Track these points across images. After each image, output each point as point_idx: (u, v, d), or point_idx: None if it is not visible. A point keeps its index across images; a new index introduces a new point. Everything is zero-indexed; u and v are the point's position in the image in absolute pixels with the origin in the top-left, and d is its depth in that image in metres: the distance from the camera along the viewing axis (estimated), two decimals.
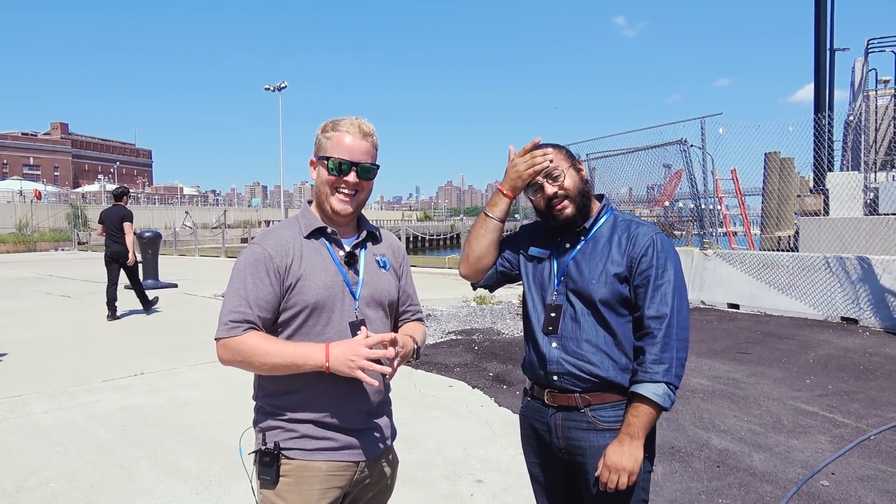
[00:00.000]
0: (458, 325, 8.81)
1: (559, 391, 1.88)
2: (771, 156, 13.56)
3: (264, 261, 1.71)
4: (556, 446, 1.92)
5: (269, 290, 1.71)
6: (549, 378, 1.89)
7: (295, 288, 1.72)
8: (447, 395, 5.49)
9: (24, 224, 44.21)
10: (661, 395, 1.73)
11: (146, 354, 7.07)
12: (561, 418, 1.90)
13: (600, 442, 1.83)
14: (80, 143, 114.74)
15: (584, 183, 1.92)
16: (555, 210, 1.89)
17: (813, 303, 8.98)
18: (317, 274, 1.74)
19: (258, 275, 1.70)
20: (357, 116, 1.84)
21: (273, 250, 1.73)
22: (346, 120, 1.81)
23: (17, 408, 5.13)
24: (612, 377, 1.83)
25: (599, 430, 1.84)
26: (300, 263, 1.74)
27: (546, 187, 1.89)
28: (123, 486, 3.64)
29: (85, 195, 64.67)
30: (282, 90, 44.89)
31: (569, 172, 1.89)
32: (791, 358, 6.64)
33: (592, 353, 1.84)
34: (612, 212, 1.97)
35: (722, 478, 3.70)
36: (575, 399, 1.86)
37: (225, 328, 1.68)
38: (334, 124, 1.80)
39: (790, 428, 4.52)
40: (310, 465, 1.72)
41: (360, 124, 1.80)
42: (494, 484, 3.63)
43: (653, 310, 1.79)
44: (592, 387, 1.84)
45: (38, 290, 14.06)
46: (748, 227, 14.49)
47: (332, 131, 1.79)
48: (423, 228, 48.85)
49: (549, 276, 1.95)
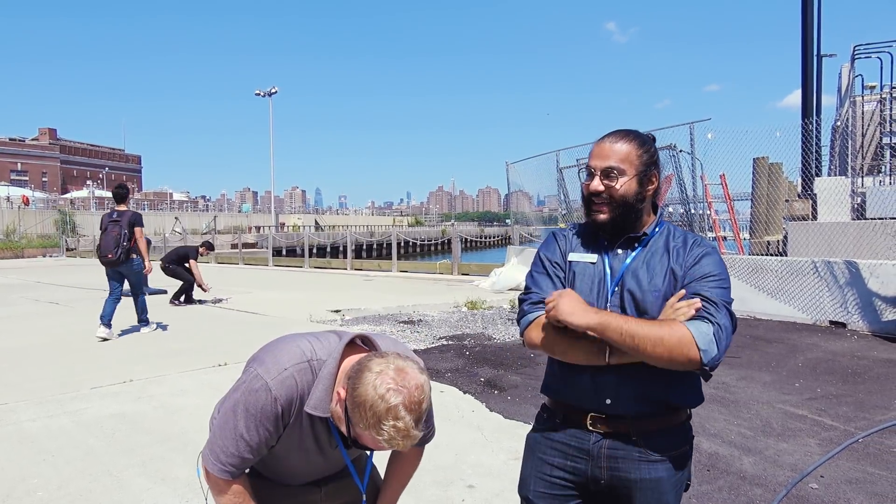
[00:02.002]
0: (449, 330, 8.81)
1: (609, 416, 1.69)
2: (759, 161, 13.66)
3: (275, 419, 1.64)
4: (594, 476, 1.72)
5: (272, 440, 1.68)
6: (600, 403, 1.69)
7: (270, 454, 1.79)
8: (438, 400, 5.48)
9: (11, 230, 43.91)
10: (704, 334, 1.55)
11: (135, 361, 7.01)
12: (608, 446, 1.70)
13: (652, 474, 1.69)
14: (68, 148, 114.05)
15: (638, 199, 1.71)
16: (591, 207, 1.74)
17: (802, 307, 9.05)
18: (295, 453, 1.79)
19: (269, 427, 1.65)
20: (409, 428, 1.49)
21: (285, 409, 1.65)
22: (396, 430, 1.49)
23: (4, 416, 5.08)
24: (670, 399, 1.70)
25: (651, 461, 1.69)
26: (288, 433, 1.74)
27: (595, 180, 1.71)
28: (113, 493, 3.61)
29: (73, 201, 64.16)
30: (272, 95, 44.89)
31: (629, 181, 1.69)
32: (780, 362, 6.68)
33: (651, 374, 1.64)
34: (664, 224, 1.81)
35: (712, 481, 3.71)
36: (626, 425, 1.68)
37: (218, 468, 1.71)
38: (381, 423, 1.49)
39: (779, 431, 4.55)
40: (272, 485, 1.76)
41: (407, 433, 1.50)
42: (486, 489, 3.63)
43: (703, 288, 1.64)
44: (650, 412, 1.69)
45: (26, 297, 13.93)
46: (737, 232, 14.56)
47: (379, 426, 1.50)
48: (415, 234, 48.85)
49: (599, 284, 1.73)
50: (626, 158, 1.69)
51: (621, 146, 1.71)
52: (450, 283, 15.85)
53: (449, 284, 15.39)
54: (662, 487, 1.70)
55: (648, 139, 1.78)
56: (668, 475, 1.70)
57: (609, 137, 1.74)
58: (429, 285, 15.31)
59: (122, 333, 8.91)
